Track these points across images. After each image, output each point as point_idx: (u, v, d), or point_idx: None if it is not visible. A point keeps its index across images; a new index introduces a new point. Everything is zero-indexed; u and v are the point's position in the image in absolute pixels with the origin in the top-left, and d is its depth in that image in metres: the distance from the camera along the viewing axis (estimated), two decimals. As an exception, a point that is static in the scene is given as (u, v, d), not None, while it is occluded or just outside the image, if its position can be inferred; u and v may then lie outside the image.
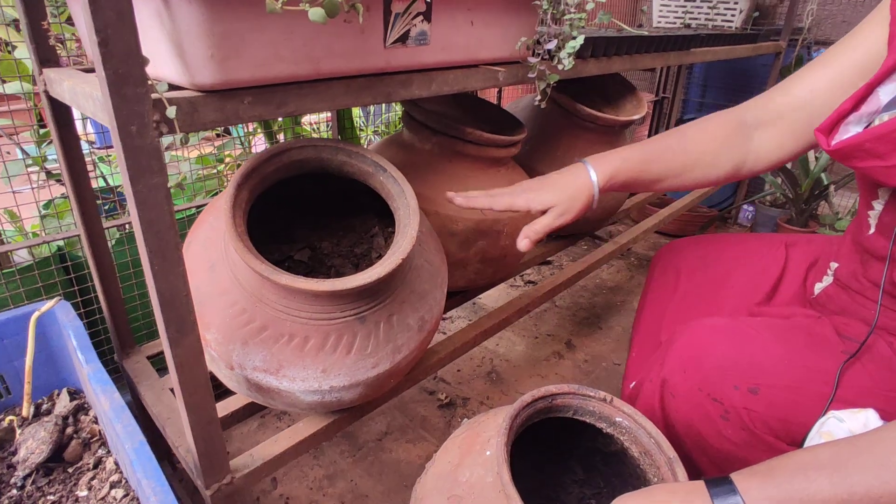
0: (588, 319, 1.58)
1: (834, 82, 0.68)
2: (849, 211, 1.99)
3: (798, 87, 0.72)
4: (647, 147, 0.78)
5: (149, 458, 0.55)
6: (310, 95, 0.55)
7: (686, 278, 0.96)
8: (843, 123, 0.62)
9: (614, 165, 0.75)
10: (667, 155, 0.76)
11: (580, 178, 0.74)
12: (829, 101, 0.68)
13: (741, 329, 0.68)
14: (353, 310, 0.61)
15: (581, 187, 0.74)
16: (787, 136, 0.73)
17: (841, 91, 0.67)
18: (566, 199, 0.73)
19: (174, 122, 0.46)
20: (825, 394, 0.60)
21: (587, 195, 0.74)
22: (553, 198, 0.73)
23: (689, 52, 1.24)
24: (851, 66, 0.67)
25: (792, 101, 0.72)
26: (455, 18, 0.65)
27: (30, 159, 0.97)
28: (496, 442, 0.56)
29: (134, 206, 0.46)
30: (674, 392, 0.68)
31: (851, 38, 0.68)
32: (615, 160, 0.75)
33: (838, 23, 2.05)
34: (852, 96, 0.60)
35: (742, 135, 0.76)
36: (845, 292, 0.73)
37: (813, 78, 0.70)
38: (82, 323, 0.78)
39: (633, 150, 0.77)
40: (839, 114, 0.61)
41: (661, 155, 0.76)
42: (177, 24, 0.46)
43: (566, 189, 0.73)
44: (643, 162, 0.76)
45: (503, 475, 0.53)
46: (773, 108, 0.74)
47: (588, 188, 0.74)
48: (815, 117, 0.69)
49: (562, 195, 0.73)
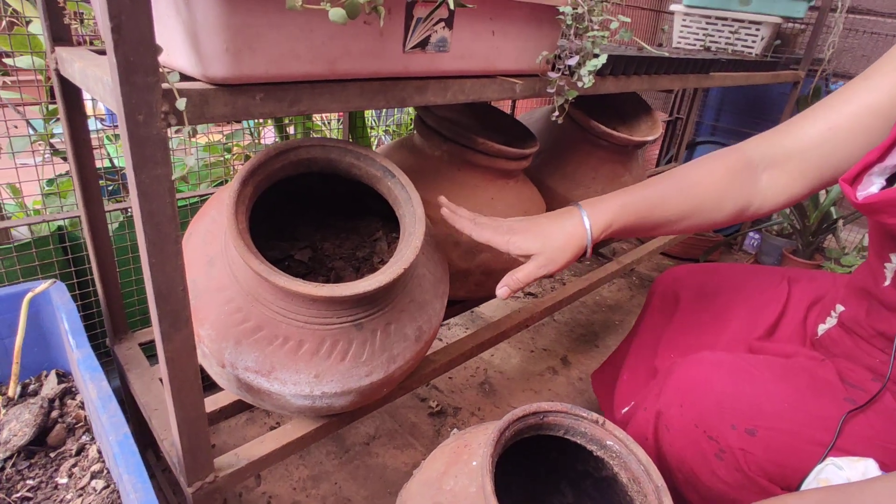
0: (585, 336, 1.57)
1: (848, 125, 0.65)
2: (855, 246, 1.97)
3: (810, 127, 0.68)
4: (648, 192, 0.72)
5: (132, 453, 0.53)
6: (323, 95, 0.54)
7: (685, 306, 0.94)
8: (866, 174, 0.60)
9: (612, 214, 0.69)
10: (669, 201, 0.71)
11: (572, 227, 0.69)
12: (842, 144, 0.65)
13: (742, 367, 0.67)
14: (350, 316, 0.60)
15: (572, 237, 0.68)
16: (796, 178, 0.69)
17: (854, 135, 0.64)
18: (552, 249, 0.67)
19: (183, 114, 0.45)
20: (824, 441, 0.59)
21: (578, 246, 0.68)
22: (537, 246, 0.67)
23: (709, 76, 1.22)
24: (867, 109, 0.64)
25: (803, 143, 0.68)
26: (476, 27, 0.64)
27: (36, 135, 0.96)
28: (483, 452, 0.56)
29: (136, 196, 0.45)
30: (668, 425, 0.67)
31: (866, 80, 0.65)
32: (613, 207, 0.70)
33: (858, 57, 2.04)
34: (879, 147, 0.58)
35: (748, 176, 0.71)
36: (850, 337, 0.72)
37: (826, 119, 0.67)
38: (76, 305, 0.77)
39: (632, 196, 0.71)
40: (864, 164, 0.59)
41: (663, 201, 0.71)
42: (193, 14, 0.45)
43: (554, 238, 0.68)
44: (643, 209, 0.71)
45: (486, 485, 0.53)
46: (783, 148, 0.69)
47: (580, 238, 0.68)
48: (827, 160, 0.66)
49: (548, 244, 0.67)
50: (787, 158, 0.69)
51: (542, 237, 0.68)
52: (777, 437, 0.60)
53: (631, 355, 1.00)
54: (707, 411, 0.64)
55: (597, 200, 0.72)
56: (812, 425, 0.61)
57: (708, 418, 0.63)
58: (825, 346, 0.76)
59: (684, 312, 0.94)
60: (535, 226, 0.69)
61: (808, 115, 0.69)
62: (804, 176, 0.69)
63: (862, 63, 2.03)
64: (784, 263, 2.00)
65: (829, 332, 0.76)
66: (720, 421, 0.62)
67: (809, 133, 0.68)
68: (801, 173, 0.69)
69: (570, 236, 0.68)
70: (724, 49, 1.76)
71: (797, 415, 0.61)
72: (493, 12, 0.64)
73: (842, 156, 0.66)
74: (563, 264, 0.68)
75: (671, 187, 0.72)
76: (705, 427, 0.63)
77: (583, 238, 0.68)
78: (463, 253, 0.88)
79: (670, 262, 2.13)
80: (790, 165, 0.69)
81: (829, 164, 0.67)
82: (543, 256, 0.67)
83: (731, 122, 2.34)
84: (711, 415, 0.63)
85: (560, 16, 0.70)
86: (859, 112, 0.64)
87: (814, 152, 0.67)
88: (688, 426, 0.65)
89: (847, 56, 2.05)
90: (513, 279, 0.68)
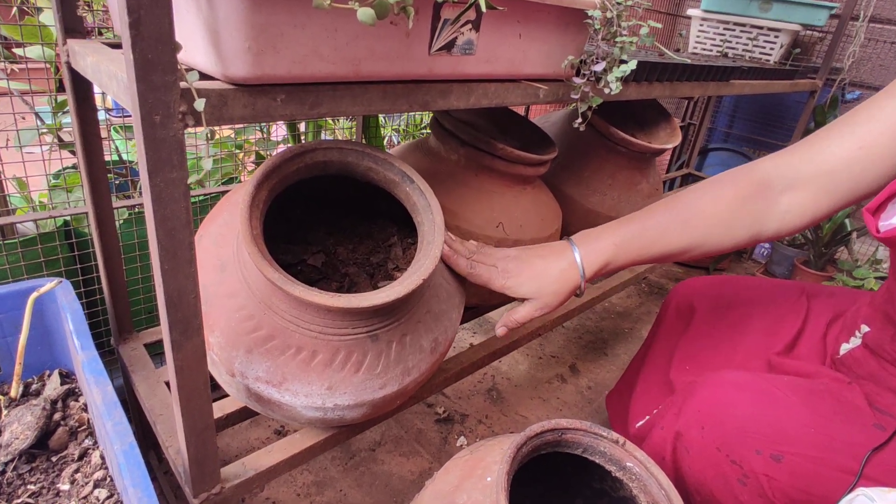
0: (594, 344, 1.55)
1: (881, 143, 0.61)
2: (868, 259, 1.95)
3: (837, 146, 0.64)
4: (647, 225, 0.69)
5: (137, 465, 0.51)
6: (345, 98, 0.52)
7: (700, 318, 0.93)
8: (890, 202, 0.58)
9: (608, 254, 0.69)
10: (669, 234, 0.68)
11: (563, 268, 0.68)
12: (873, 164, 0.62)
13: (766, 388, 0.64)
14: (365, 327, 0.58)
15: (566, 281, 0.68)
16: (821, 198, 0.66)
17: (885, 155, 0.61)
18: (547, 294, 0.68)
19: (201, 115, 0.43)
20: (853, 469, 0.57)
21: (572, 287, 0.69)
22: (533, 291, 0.68)
23: (729, 84, 1.20)
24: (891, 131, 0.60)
25: (829, 163, 0.64)
26: (504, 30, 0.62)
27: (45, 127, 0.94)
28: (498, 469, 0.55)
29: (149, 200, 0.43)
30: (688, 447, 0.65)
31: (891, 98, 0.61)
32: (608, 247, 0.69)
33: (876, 66, 2.01)
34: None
35: (764, 199, 0.67)
36: (875, 359, 0.69)
37: (854, 137, 0.63)
38: (81, 304, 0.75)
39: (629, 231, 0.69)
40: (888, 194, 0.57)
41: (663, 235, 0.68)
42: (215, 10, 0.43)
43: (549, 282, 0.68)
44: (642, 245, 0.69)
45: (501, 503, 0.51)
46: (806, 168, 0.66)
47: (574, 280, 0.69)
48: (857, 179, 0.63)
49: (543, 289, 0.68)
50: (812, 178, 0.66)
51: (536, 281, 0.69)
52: (803, 464, 0.58)
53: (646, 368, 0.98)
54: (730, 435, 0.61)
55: (592, 236, 0.70)
56: (840, 451, 0.59)
57: (731, 442, 0.61)
58: (848, 366, 0.74)
59: (699, 324, 0.92)
60: (529, 268, 0.69)
61: (833, 132, 0.65)
62: (830, 195, 0.65)
63: (880, 73, 2.00)
64: (795, 274, 1.97)
65: (853, 352, 0.74)
66: (744, 445, 0.60)
67: (836, 152, 0.64)
68: (828, 193, 0.65)
69: (565, 280, 0.68)
70: (742, 56, 1.73)
71: (824, 440, 0.59)
72: (521, 14, 0.62)
73: (873, 176, 0.63)
74: (557, 306, 0.70)
75: (673, 220, 0.69)
76: (728, 451, 0.61)
77: (576, 279, 0.69)
78: (478, 260, 0.86)
79: (681, 269, 2.11)
80: (814, 185, 0.66)
81: (860, 184, 0.64)
82: (539, 301, 0.69)
83: (745, 129, 2.31)
84: (735, 438, 0.61)
85: (588, 20, 0.68)
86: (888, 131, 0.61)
87: (843, 173, 0.64)
88: (709, 449, 0.63)
89: (865, 66, 2.02)
90: (511, 320, 0.71)
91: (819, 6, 1.57)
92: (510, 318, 0.71)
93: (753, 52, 1.73)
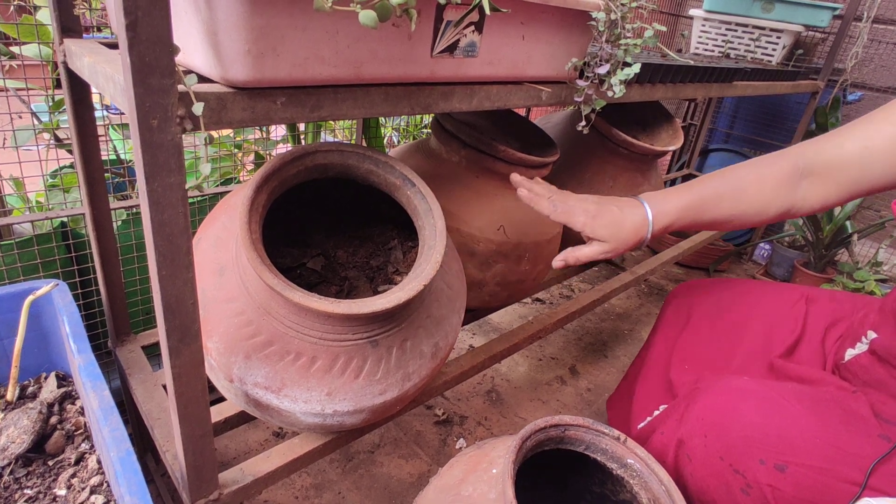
0: (594, 346, 1.54)
1: (885, 146, 0.67)
2: (869, 261, 1.94)
3: (849, 142, 0.70)
4: (704, 192, 0.75)
5: (134, 472, 0.51)
6: (347, 101, 0.51)
7: (698, 318, 0.92)
8: None
9: (675, 215, 0.74)
10: (723, 204, 0.75)
11: (637, 222, 0.73)
12: (878, 163, 0.67)
13: (771, 396, 0.64)
14: (365, 332, 0.57)
15: (635, 231, 0.73)
16: (831, 189, 0.73)
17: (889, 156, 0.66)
18: (619, 240, 0.72)
19: (199, 119, 0.42)
20: (858, 480, 0.57)
21: (639, 238, 0.73)
22: (608, 235, 0.72)
23: (732, 85, 1.19)
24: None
25: (841, 157, 0.70)
26: (507, 31, 0.61)
27: (41, 125, 0.93)
28: (504, 460, 0.56)
29: (147, 205, 0.42)
30: (691, 455, 0.65)
31: None
32: (677, 209, 0.74)
33: (878, 67, 2.00)
34: None
35: (793, 182, 0.74)
36: (882, 366, 0.69)
37: (864, 137, 0.69)
38: (78, 305, 0.74)
39: (690, 196, 0.75)
40: None
41: (717, 204, 0.75)
42: (214, 12, 0.42)
43: (622, 229, 0.72)
44: (701, 210, 0.75)
45: (507, 491, 0.52)
46: (825, 158, 0.72)
47: (642, 233, 0.73)
48: (863, 175, 0.69)
49: (616, 234, 0.72)
50: (826, 169, 0.72)
51: (613, 227, 0.72)
52: (808, 475, 0.58)
53: (646, 368, 0.98)
54: (734, 444, 0.61)
55: (661, 198, 0.75)
56: (845, 462, 0.58)
57: (735, 451, 0.60)
58: (853, 373, 0.73)
59: (698, 324, 0.92)
60: (608, 213, 0.73)
61: (852, 128, 0.71)
62: (839, 187, 0.72)
63: (882, 74, 1.99)
64: (795, 276, 1.97)
65: (859, 358, 0.73)
66: (747, 454, 0.60)
67: (847, 148, 0.70)
68: (837, 185, 0.72)
69: (636, 231, 0.73)
70: (744, 56, 1.73)
71: (829, 450, 0.59)
72: (524, 16, 0.61)
73: (878, 173, 0.68)
74: (622, 252, 0.74)
75: (726, 191, 0.75)
76: (731, 460, 0.61)
77: (644, 233, 0.73)
78: (479, 263, 0.85)
79: (680, 270, 2.10)
80: (827, 176, 0.72)
81: (865, 180, 0.70)
82: (610, 245, 0.72)
83: (745, 129, 2.30)
84: (739, 447, 0.60)
85: (592, 22, 0.67)
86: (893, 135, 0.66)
87: (851, 167, 0.70)
88: (712, 458, 0.62)
89: (867, 67, 2.01)
90: (573, 256, 0.73)
91: (822, 7, 1.57)
92: (572, 254, 0.73)
93: (755, 53, 1.72)
